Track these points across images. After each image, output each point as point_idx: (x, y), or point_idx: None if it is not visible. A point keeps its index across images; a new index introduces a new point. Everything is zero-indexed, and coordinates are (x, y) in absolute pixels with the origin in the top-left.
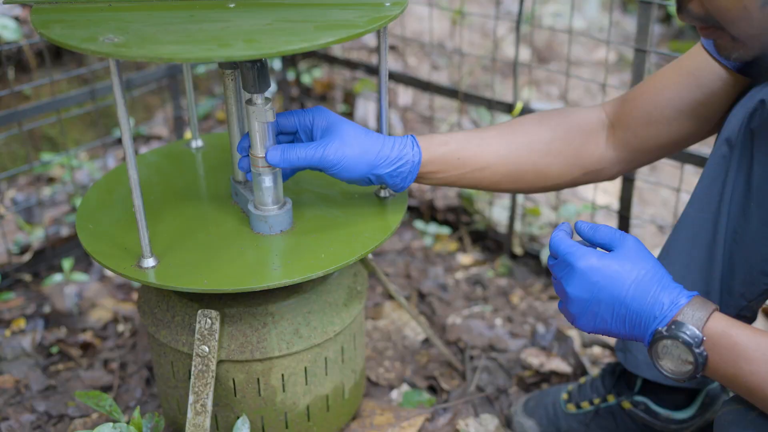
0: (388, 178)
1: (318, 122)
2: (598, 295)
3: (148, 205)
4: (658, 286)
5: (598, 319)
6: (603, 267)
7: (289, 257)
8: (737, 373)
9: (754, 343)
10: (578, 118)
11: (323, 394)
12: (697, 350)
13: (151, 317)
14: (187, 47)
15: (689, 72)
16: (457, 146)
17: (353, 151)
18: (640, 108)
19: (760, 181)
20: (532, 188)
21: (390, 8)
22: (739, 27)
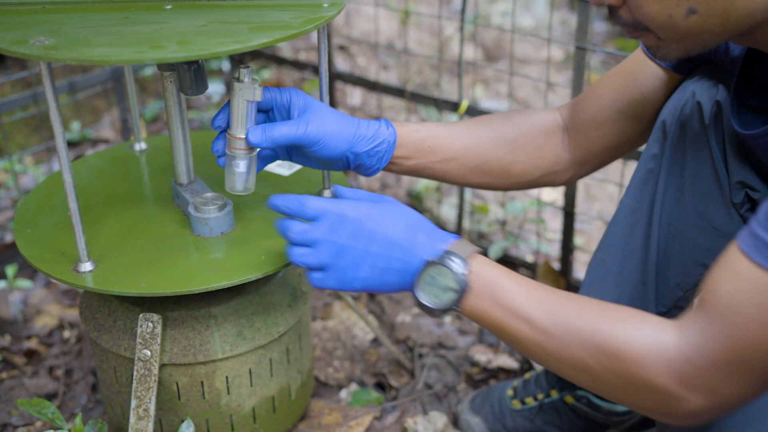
0: (366, 158)
1: (295, 101)
2: (375, 241)
3: (88, 208)
4: (428, 228)
5: (373, 269)
6: (376, 214)
7: (229, 259)
8: (494, 306)
9: (512, 278)
10: (538, 119)
11: (269, 395)
12: (462, 277)
13: (93, 322)
14: (119, 49)
15: (628, 72)
16: (428, 134)
17: (334, 128)
18: (588, 110)
19: (693, 172)
20: (496, 185)
21: (327, 9)
22: (665, 32)
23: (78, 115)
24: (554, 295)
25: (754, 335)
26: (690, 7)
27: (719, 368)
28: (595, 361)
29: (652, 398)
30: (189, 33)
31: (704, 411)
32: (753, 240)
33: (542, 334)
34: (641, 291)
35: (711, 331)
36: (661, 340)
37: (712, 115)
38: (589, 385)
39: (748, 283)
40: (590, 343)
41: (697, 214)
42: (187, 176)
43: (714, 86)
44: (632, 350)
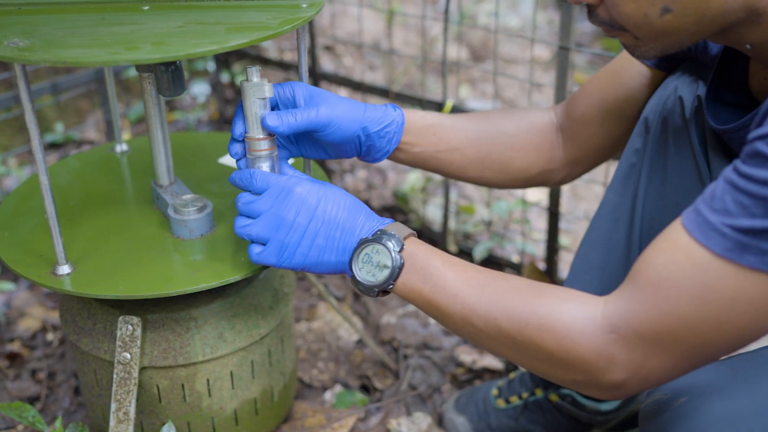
0: (377, 138)
1: (299, 92)
2: (316, 218)
3: (68, 211)
4: (367, 212)
5: (312, 246)
6: (319, 192)
7: (208, 261)
8: (425, 283)
9: (444, 257)
10: (535, 118)
11: (251, 397)
12: (396, 255)
13: (73, 325)
14: (93, 51)
15: (614, 71)
16: (433, 122)
17: (344, 111)
18: (578, 110)
19: (675, 166)
20: (495, 180)
21: (306, 9)
22: (641, 31)
23: (62, 116)
24: (484, 273)
25: (682, 309)
26: (664, 6)
27: (644, 339)
28: (520, 334)
29: (576, 370)
30: (165, 34)
31: (627, 384)
32: (695, 216)
33: (470, 310)
34: None
35: (640, 301)
36: (587, 311)
37: (692, 109)
38: (516, 359)
39: (684, 256)
40: (516, 317)
41: (679, 209)
42: (167, 178)
43: (695, 82)
44: (557, 322)
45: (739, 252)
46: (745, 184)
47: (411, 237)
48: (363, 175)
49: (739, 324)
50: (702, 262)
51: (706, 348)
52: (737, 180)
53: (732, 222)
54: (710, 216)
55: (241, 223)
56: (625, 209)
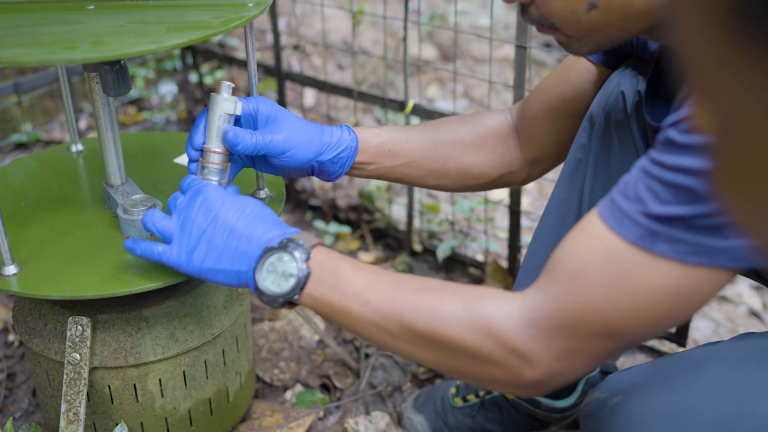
0: (329, 165)
1: (262, 110)
2: (218, 222)
3: (19, 211)
4: (273, 220)
5: (210, 249)
6: (229, 200)
7: (155, 262)
8: (333, 291)
9: (352, 263)
10: (490, 121)
11: (205, 397)
12: (302, 264)
13: (25, 326)
14: (30, 50)
15: (563, 69)
16: (388, 138)
17: (301, 140)
18: (530, 109)
19: (619, 161)
20: (455, 186)
21: (251, 9)
22: (570, 28)
23: (30, 116)
24: (396, 277)
25: (597, 298)
26: (590, 2)
27: (561, 332)
28: (439, 335)
29: (497, 366)
30: (105, 33)
31: (548, 379)
32: (610, 204)
33: (383, 316)
34: None
35: (556, 293)
36: (504, 307)
37: (634, 104)
38: (435, 362)
39: (598, 245)
40: (433, 317)
41: None
42: (119, 178)
43: (636, 77)
44: (476, 319)
45: (651, 240)
46: (656, 170)
47: (319, 246)
48: None
49: (653, 312)
50: (615, 250)
51: (622, 337)
52: (650, 167)
53: (644, 209)
54: (623, 204)
55: (152, 214)
56: (572, 204)
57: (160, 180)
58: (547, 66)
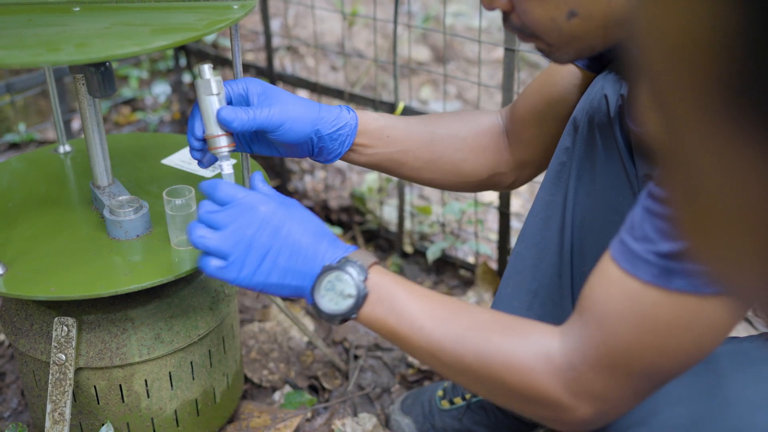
0: (329, 141)
1: (252, 89)
2: (279, 239)
3: (5, 212)
4: (331, 237)
5: (274, 268)
6: (284, 213)
7: (142, 262)
8: (390, 314)
9: (409, 288)
10: (484, 120)
11: (191, 398)
12: (360, 285)
13: (11, 326)
14: (14, 52)
15: (549, 73)
16: (386, 124)
17: (297, 112)
18: (518, 112)
19: (603, 165)
20: (447, 182)
21: (236, 11)
22: (551, 36)
23: (24, 116)
24: (449, 306)
25: (626, 341)
26: (570, 11)
27: (600, 374)
28: (486, 372)
29: (543, 407)
30: (89, 35)
31: (594, 418)
32: (621, 247)
33: (436, 345)
34: (558, 284)
35: (588, 338)
36: (547, 349)
37: (617, 108)
38: (484, 395)
39: (618, 289)
40: (481, 354)
41: (608, 208)
42: (106, 179)
43: (620, 81)
44: (521, 361)
45: (666, 277)
46: (659, 208)
47: (375, 265)
48: (322, 176)
49: (681, 347)
50: (635, 293)
51: (656, 374)
52: (652, 205)
53: (654, 248)
54: (634, 245)
55: (199, 232)
56: (556, 207)
57: (147, 181)
58: (541, 68)
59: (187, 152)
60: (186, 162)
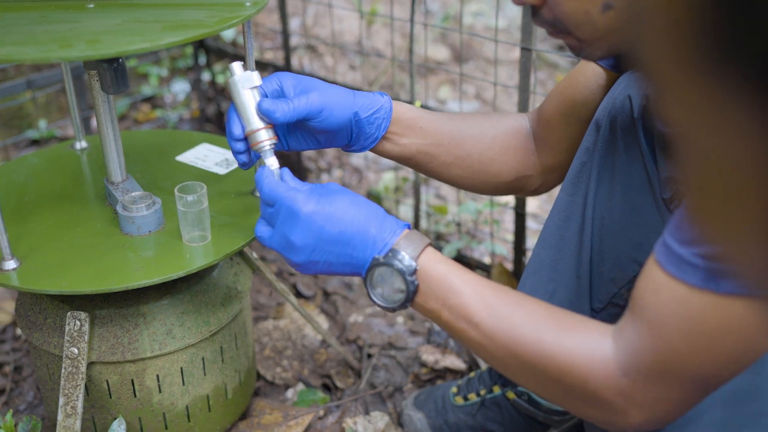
0: (366, 125)
1: (287, 82)
2: (324, 239)
3: (21, 206)
4: (378, 220)
5: (322, 262)
6: (325, 210)
7: (153, 258)
8: (443, 306)
9: (461, 278)
10: (512, 121)
11: (203, 394)
12: (410, 278)
13: (25, 320)
14: (26, 48)
15: (573, 74)
16: (419, 115)
17: (335, 97)
18: (544, 115)
19: (624, 165)
20: (474, 183)
21: (248, 8)
22: (584, 30)
23: (45, 113)
24: (502, 298)
25: (678, 347)
26: (605, 3)
27: (652, 382)
28: (539, 369)
29: (596, 409)
30: (101, 32)
31: (645, 423)
32: (665, 250)
33: (489, 339)
34: (575, 285)
35: (641, 345)
36: (601, 352)
37: (640, 108)
38: (535, 390)
39: (666, 295)
40: (534, 352)
41: (628, 209)
42: (119, 175)
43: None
44: (575, 363)
45: (714, 281)
46: None
47: (426, 251)
48: (339, 175)
49: (732, 351)
50: (683, 297)
51: (708, 379)
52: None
53: (700, 251)
54: (678, 249)
55: (259, 226)
56: (575, 208)
57: (161, 177)
58: (560, 68)
59: (201, 149)
60: (200, 159)
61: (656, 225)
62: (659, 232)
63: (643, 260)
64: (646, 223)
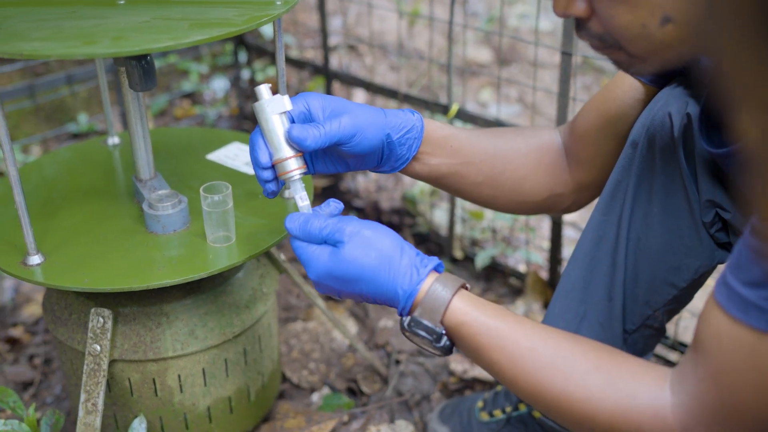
0: (398, 146)
1: (314, 104)
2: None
3: (49, 201)
4: (406, 272)
5: (359, 296)
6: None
7: (176, 257)
8: (478, 358)
9: (487, 332)
10: (544, 137)
11: (225, 395)
12: (439, 344)
13: (51, 315)
14: (51, 44)
15: (609, 87)
16: (450, 133)
17: (366, 118)
18: (578, 131)
19: (662, 186)
20: (507, 202)
21: (278, 7)
22: (638, 45)
23: (87, 107)
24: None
25: (745, 399)
26: (665, 16)
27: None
28: (587, 427)
29: None
30: (127, 29)
31: None
32: (727, 291)
33: (532, 399)
34: (607, 307)
35: (703, 396)
36: (656, 406)
37: (681, 128)
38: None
39: (732, 341)
40: (582, 411)
41: (666, 231)
42: (147, 172)
43: (686, 97)
44: (629, 416)
45: None
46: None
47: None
48: (374, 176)
49: None
50: (751, 344)
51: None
52: (758, 245)
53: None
54: (743, 290)
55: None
56: (609, 228)
57: (190, 176)
58: (606, 72)
59: (232, 148)
60: (230, 158)
61: (695, 249)
62: (698, 256)
63: (681, 284)
64: (685, 247)
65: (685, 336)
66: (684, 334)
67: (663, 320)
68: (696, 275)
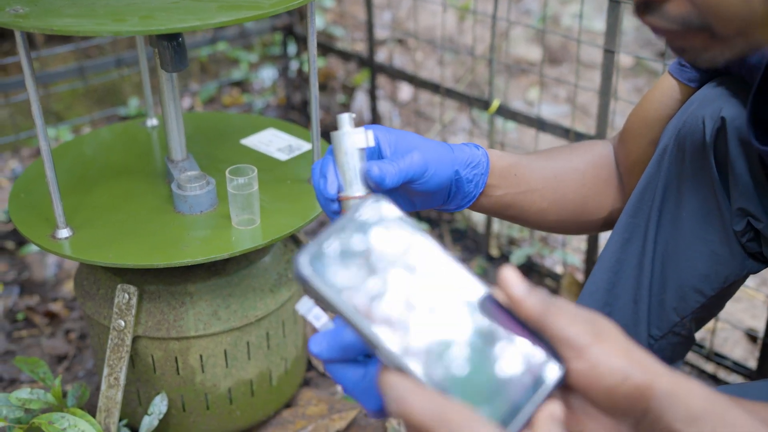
0: (465, 183)
1: (384, 138)
2: None
3: (84, 179)
4: None
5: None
6: None
7: (201, 238)
8: None
9: None
10: (599, 151)
11: (246, 378)
12: None
13: (81, 290)
14: (81, 21)
15: (651, 97)
16: (512, 162)
17: (435, 154)
18: (626, 145)
19: (692, 191)
20: (574, 224)
21: None
22: (733, 23)
23: (138, 90)
24: None
25: None
26: None
27: None
28: None
29: None
30: (157, 8)
31: None
32: None
33: None
34: (632, 310)
35: None
36: None
37: (714, 132)
38: None
39: None
40: None
41: (695, 238)
42: (180, 153)
43: (721, 100)
44: None
45: None
46: None
47: None
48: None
49: None
50: None
51: None
52: None
53: None
54: None
55: None
56: (637, 231)
57: (222, 159)
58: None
59: (267, 134)
60: (264, 144)
61: (725, 257)
62: (728, 265)
63: (709, 292)
64: (715, 255)
65: (723, 347)
66: (722, 346)
67: (691, 328)
68: (725, 284)
